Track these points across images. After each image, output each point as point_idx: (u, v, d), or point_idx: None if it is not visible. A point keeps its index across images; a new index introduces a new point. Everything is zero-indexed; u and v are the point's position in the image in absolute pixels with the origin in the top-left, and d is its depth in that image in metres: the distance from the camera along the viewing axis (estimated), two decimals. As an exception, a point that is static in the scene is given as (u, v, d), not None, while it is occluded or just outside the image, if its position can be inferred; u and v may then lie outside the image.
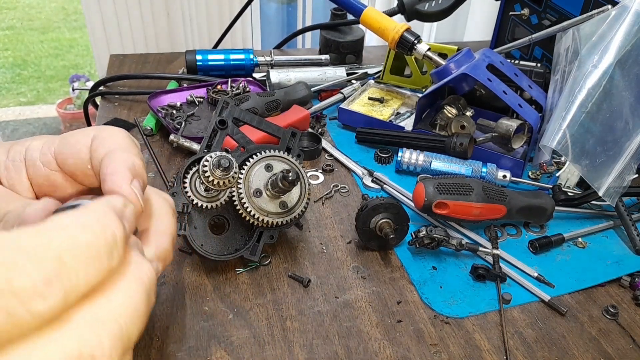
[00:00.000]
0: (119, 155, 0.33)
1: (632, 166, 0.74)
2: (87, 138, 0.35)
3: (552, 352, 0.58)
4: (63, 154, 0.36)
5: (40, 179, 0.37)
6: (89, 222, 0.23)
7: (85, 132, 0.36)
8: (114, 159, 0.33)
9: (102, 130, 0.36)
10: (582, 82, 0.75)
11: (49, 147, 0.36)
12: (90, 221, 0.23)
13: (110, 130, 0.36)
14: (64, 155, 0.36)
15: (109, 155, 0.33)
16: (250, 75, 1.08)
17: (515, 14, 1.06)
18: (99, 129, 0.36)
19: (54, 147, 0.36)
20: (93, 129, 0.36)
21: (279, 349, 0.57)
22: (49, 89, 3.55)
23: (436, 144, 0.84)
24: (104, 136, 0.35)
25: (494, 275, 0.66)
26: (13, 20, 4.35)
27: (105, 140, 0.34)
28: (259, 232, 0.64)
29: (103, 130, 0.36)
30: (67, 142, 0.36)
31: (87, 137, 0.35)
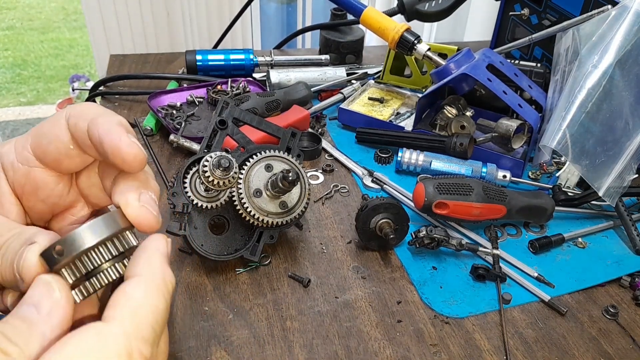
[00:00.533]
0: (102, 119, 0.33)
1: (632, 166, 0.74)
2: (60, 120, 0.35)
3: (552, 352, 0.58)
4: (42, 144, 0.35)
5: (21, 179, 0.36)
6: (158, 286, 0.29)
7: (56, 117, 0.36)
8: (101, 123, 0.33)
9: (73, 108, 0.35)
10: (582, 82, 0.75)
11: (23, 144, 0.36)
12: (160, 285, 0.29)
13: (81, 105, 0.36)
14: (43, 145, 0.35)
15: (93, 122, 0.33)
16: (250, 75, 1.08)
17: (515, 14, 1.06)
18: (69, 109, 0.36)
19: (28, 143, 0.36)
20: (62, 112, 0.36)
21: (279, 349, 0.57)
22: (49, 89, 3.55)
23: (436, 144, 0.84)
24: (78, 111, 0.35)
25: (494, 275, 0.66)
26: (13, 20, 4.34)
27: (81, 113, 0.34)
28: (259, 232, 0.64)
29: (73, 107, 0.35)
30: (42, 132, 0.36)
31: (60, 120, 0.35)
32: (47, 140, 0.35)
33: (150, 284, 0.28)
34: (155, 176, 0.81)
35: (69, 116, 0.35)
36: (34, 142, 0.36)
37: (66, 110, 0.36)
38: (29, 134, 0.37)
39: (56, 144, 0.35)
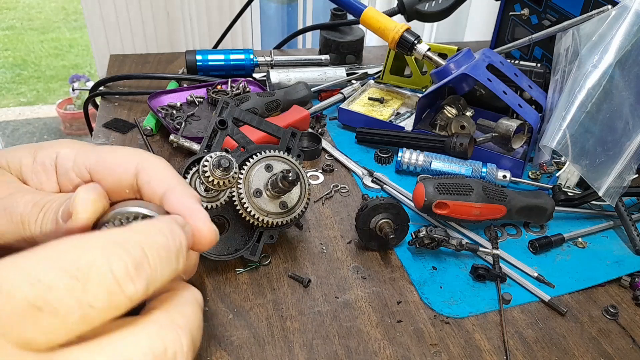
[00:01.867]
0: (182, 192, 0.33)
1: (632, 166, 0.74)
2: (128, 164, 0.34)
3: (552, 352, 0.58)
4: (100, 174, 0.35)
5: (69, 188, 0.36)
6: (162, 228, 0.27)
7: (126, 157, 0.35)
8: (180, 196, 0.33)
9: (146, 160, 0.35)
10: (582, 82, 0.75)
11: (84, 160, 0.36)
12: (164, 228, 0.27)
13: (156, 161, 0.35)
14: (101, 175, 0.35)
15: (172, 191, 0.33)
16: (250, 75, 1.08)
17: (515, 14, 1.06)
18: (142, 158, 0.35)
19: (89, 162, 0.35)
20: (134, 155, 0.35)
21: (279, 349, 0.57)
22: (49, 89, 3.55)
23: (436, 144, 0.84)
24: (153, 169, 0.34)
25: (494, 275, 0.66)
26: (13, 20, 4.35)
27: (156, 173, 0.34)
28: (259, 232, 0.64)
29: (147, 160, 0.35)
30: (106, 163, 0.35)
31: (129, 163, 0.34)
32: (107, 174, 0.35)
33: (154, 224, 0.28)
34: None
35: (140, 168, 0.34)
36: (95, 166, 0.35)
37: (137, 157, 0.35)
38: (93, 151, 0.36)
39: (115, 183, 0.35)
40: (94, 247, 0.24)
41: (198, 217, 0.32)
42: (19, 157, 0.36)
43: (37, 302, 0.22)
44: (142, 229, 0.27)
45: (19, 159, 0.36)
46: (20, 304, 0.22)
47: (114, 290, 0.23)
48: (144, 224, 0.28)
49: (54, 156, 0.36)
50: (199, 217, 0.32)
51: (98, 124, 0.94)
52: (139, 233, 0.26)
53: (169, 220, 0.29)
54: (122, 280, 0.24)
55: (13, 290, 0.22)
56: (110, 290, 0.23)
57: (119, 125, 0.93)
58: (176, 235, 0.28)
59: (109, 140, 0.89)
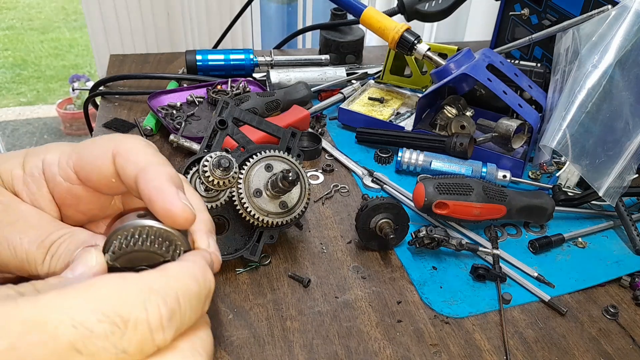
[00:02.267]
0: (153, 171, 0.32)
1: (632, 166, 0.74)
2: (107, 153, 0.34)
3: (552, 352, 0.58)
4: (84, 170, 0.35)
5: (62, 192, 0.35)
6: (196, 275, 0.28)
7: (102, 146, 0.34)
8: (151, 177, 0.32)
9: (121, 143, 0.34)
10: (582, 82, 0.75)
11: (67, 160, 0.35)
12: (197, 275, 0.28)
13: (130, 142, 0.34)
14: (85, 172, 0.35)
15: (142, 175, 0.32)
16: (250, 75, 1.08)
17: (515, 14, 1.06)
18: (117, 142, 0.34)
19: (72, 161, 0.35)
20: (110, 141, 0.34)
21: (279, 349, 0.57)
22: (49, 89, 3.55)
23: (436, 144, 0.84)
24: (127, 151, 0.33)
25: (494, 275, 0.66)
26: (13, 20, 4.35)
27: (130, 155, 0.33)
28: (259, 232, 0.64)
29: (122, 143, 0.34)
30: (86, 159, 0.34)
31: (107, 152, 0.34)
32: (89, 169, 0.34)
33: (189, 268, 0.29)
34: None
35: (115, 153, 0.34)
36: (77, 164, 0.35)
37: (113, 143, 0.34)
38: (73, 150, 0.35)
39: (99, 175, 0.34)
40: (133, 294, 0.25)
41: (167, 198, 0.31)
42: (10, 168, 0.36)
43: (77, 344, 0.23)
44: (178, 275, 0.27)
45: (10, 170, 0.35)
46: (62, 345, 0.22)
47: (146, 339, 0.24)
48: (180, 268, 0.28)
49: (40, 164, 0.35)
50: (168, 199, 0.31)
51: (98, 124, 0.94)
52: (174, 280, 0.27)
53: (202, 264, 0.29)
54: (155, 329, 0.25)
55: (58, 330, 0.22)
56: (143, 338, 0.24)
57: (119, 125, 0.93)
58: (207, 282, 0.29)
59: (109, 140, 0.89)
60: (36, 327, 0.22)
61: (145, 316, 0.24)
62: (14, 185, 0.35)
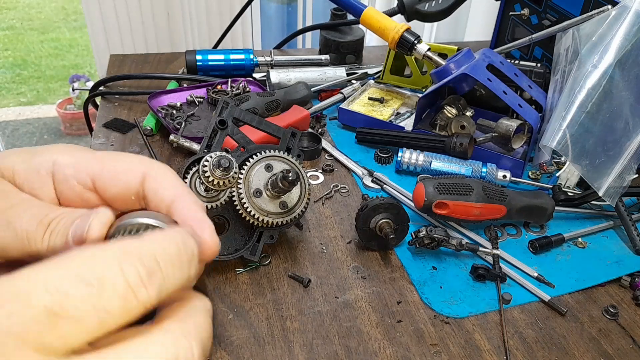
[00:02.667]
0: (190, 201, 0.33)
1: (632, 166, 0.74)
2: (134, 172, 0.34)
3: (552, 352, 0.58)
4: (104, 182, 0.35)
5: (72, 195, 0.35)
6: (175, 237, 0.28)
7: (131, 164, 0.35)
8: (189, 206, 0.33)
9: (154, 167, 0.34)
10: (582, 82, 0.75)
11: (85, 167, 0.35)
12: (176, 237, 0.28)
13: (163, 168, 0.35)
14: (105, 183, 0.35)
15: (181, 201, 0.33)
16: (250, 75, 1.08)
17: (515, 14, 1.06)
18: (149, 164, 0.35)
19: (92, 169, 0.35)
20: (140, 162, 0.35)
21: (279, 349, 0.57)
22: (49, 89, 3.55)
23: (436, 144, 0.84)
24: (160, 177, 0.34)
25: (494, 275, 0.66)
26: (13, 20, 4.35)
27: (164, 182, 0.34)
28: (259, 232, 0.64)
29: (154, 167, 0.35)
30: (109, 172, 0.34)
31: (134, 171, 0.34)
32: (112, 181, 0.34)
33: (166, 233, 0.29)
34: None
35: (147, 175, 0.34)
36: (98, 173, 0.35)
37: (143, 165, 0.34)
38: (95, 158, 0.35)
39: (121, 190, 0.34)
40: (108, 257, 0.25)
41: (204, 228, 0.32)
42: (12, 162, 0.35)
43: (54, 308, 0.23)
44: (155, 239, 0.27)
45: (12, 164, 0.35)
46: (38, 310, 0.22)
47: (127, 296, 0.24)
48: (156, 233, 0.28)
49: (50, 164, 0.35)
50: (205, 229, 0.32)
51: (98, 124, 0.94)
52: (151, 242, 0.27)
53: (180, 230, 0.30)
54: (135, 286, 0.25)
55: (31, 297, 0.23)
56: (124, 296, 0.24)
57: (119, 125, 0.93)
58: (188, 244, 0.29)
59: (109, 140, 0.89)
60: (10, 298, 0.22)
61: (121, 274, 0.24)
62: (15, 179, 0.35)
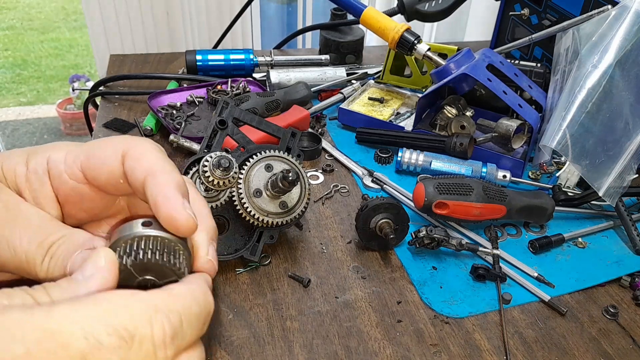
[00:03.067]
0: (161, 177, 0.33)
1: (632, 166, 0.74)
2: (116, 154, 0.34)
3: (552, 352, 0.58)
4: (92, 170, 0.35)
5: (67, 190, 0.36)
6: (198, 298, 0.29)
7: (113, 147, 0.35)
8: (159, 183, 0.33)
9: (132, 145, 0.34)
10: (582, 82, 0.75)
11: (74, 159, 0.35)
12: (199, 297, 0.29)
13: (141, 145, 0.35)
14: (93, 172, 0.35)
15: (152, 177, 0.33)
16: (250, 75, 1.08)
17: (515, 14, 1.06)
18: (128, 144, 0.34)
19: (79, 160, 0.35)
20: (120, 142, 0.35)
21: (279, 349, 0.57)
22: (49, 89, 3.55)
23: (436, 144, 0.84)
24: (137, 154, 0.34)
25: (494, 275, 0.66)
26: (13, 20, 4.35)
27: (140, 159, 0.34)
28: (259, 232, 0.64)
29: (133, 145, 0.34)
30: (95, 158, 0.35)
31: (116, 153, 0.34)
32: (98, 168, 0.35)
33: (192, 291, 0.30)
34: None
35: (125, 155, 0.34)
36: (85, 164, 0.35)
37: (124, 144, 0.34)
38: (82, 150, 0.36)
39: (107, 175, 0.35)
40: (140, 310, 0.26)
41: (172, 206, 0.31)
42: (13, 165, 0.36)
43: (87, 355, 0.24)
44: (181, 296, 0.29)
45: (14, 167, 0.36)
46: (74, 354, 0.24)
47: (150, 354, 0.26)
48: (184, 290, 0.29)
49: (45, 162, 0.36)
50: (173, 207, 0.31)
51: (98, 124, 0.94)
52: (178, 301, 0.28)
53: (203, 286, 0.31)
54: (158, 347, 0.26)
55: (70, 341, 0.24)
56: (147, 353, 0.26)
57: (119, 125, 0.93)
58: (208, 304, 0.30)
59: (109, 140, 0.89)
60: (50, 336, 0.23)
61: (150, 333, 0.26)
62: (17, 182, 0.35)
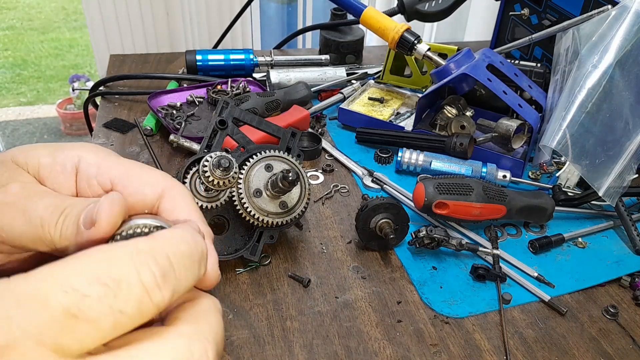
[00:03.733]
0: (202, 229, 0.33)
1: (632, 166, 0.74)
2: (156, 187, 0.34)
3: (552, 352, 0.58)
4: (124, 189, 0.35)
5: (90, 194, 0.35)
6: (185, 237, 0.28)
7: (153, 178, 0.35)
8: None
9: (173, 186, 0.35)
10: (582, 82, 0.75)
11: (108, 169, 0.35)
12: (186, 236, 0.29)
13: (181, 190, 0.35)
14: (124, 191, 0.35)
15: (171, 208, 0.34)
16: (250, 75, 1.08)
17: (515, 14, 1.06)
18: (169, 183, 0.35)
19: (113, 173, 0.35)
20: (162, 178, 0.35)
21: (279, 349, 0.57)
22: (49, 89, 3.55)
23: (436, 144, 0.84)
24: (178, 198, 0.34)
25: (494, 275, 0.66)
26: (13, 20, 4.35)
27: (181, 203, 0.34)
28: (259, 232, 0.64)
29: (173, 186, 0.35)
30: (131, 181, 0.35)
31: (156, 187, 0.34)
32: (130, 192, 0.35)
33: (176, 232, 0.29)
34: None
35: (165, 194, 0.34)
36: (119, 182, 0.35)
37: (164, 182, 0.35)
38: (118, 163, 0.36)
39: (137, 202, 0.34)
40: (124, 257, 0.25)
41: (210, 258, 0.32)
42: (37, 155, 0.36)
43: (71, 309, 0.23)
44: (168, 238, 0.28)
45: (37, 157, 0.36)
46: (56, 311, 0.23)
47: (143, 298, 0.25)
48: (168, 232, 0.28)
49: (76, 159, 0.36)
50: (210, 259, 0.32)
51: (98, 124, 0.94)
52: (164, 242, 0.27)
53: (190, 229, 0.30)
54: (150, 288, 0.25)
55: (49, 298, 0.23)
56: (139, 298, 0.24)
57: (119, 125, 0.93)
58: (198, 243, 0.29)
59: (109, 140, 0.89)
60: (30, 297, 0.23)
61: (136, 275, 0.25)
62: (40, 171, 0.35)
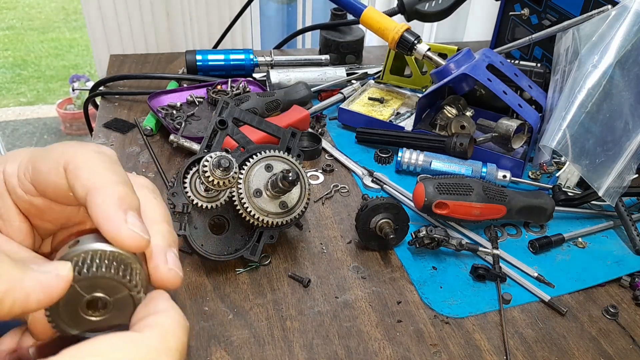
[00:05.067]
0: (101, 195, 0.30)
1: (632, 166, 0.74)
2: (58, 168, 0.31)
3: (552, 352, 0.58)
4: (39, 184, 0.33)
5: (25, 204, 0.34)
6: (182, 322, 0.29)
7: (54, 159, 0.32)
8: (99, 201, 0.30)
9: (72, 157, 0.31)
10: (582, 82, 0.75)
11: (24, 173, 0.33)
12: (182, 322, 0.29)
13: (81, 156, 0.32)
14: (40, 185, 0.33)
15: (91, 196, 0.30)
16: (250, 75, 1.08)
17: (515, 14, 1.06)
18: (68, 156, 0.32)
19: (29, 173, 0.33)
20: (61, 153, 0.32)
21: (279, 349, 0.57)
22: (49, 89, 3.55)
23: (436, 144, 0.84)
24: (77, 167, 0.31)
25: (494, 275, 0.66)
26: (13, 20, 4.35)
27: (80, 173, 0.31)
28: (259, 232, 0.64)
29: (73, 157, 0.31)
30: (40, 172, 0.32)
31: (58, 167, 0.31)
32: (44, 182, 0.32)
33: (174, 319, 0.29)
34: (155, 176, 0.81)
35: (66, 168, 0.31)
36: (33, 177, 0.33)
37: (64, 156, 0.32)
38: (30, 161, 0.33)
39: (54, 189, 0.32)
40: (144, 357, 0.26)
41: (113, 225, 0.29)
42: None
43: None
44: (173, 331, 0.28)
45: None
46: None
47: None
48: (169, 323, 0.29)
49: (1, 176, 0.33)
50: (115, 225, 0.29)
51: (98, 124, 0.94)
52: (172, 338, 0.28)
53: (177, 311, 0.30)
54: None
55: None
56: None
57: (119, 125, 0.93)
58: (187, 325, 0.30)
59: (109, 140, 0.89)
60: None
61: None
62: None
